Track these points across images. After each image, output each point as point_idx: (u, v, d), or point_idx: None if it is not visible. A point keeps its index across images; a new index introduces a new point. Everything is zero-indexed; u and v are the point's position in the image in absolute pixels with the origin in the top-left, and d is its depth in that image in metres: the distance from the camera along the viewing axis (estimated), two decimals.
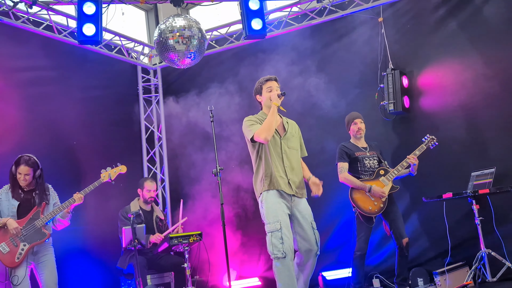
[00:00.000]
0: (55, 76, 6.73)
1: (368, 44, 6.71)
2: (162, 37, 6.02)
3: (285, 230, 4.25)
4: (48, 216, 4.89)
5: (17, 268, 4.74)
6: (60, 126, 6.61)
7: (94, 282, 6.51)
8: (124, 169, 5.35)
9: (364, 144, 5.67)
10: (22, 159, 4.92)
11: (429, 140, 5.53)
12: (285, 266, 4.22)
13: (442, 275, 5.42)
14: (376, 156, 5.58)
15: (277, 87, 4.59)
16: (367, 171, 5.51)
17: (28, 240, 4.81)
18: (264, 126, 4.36)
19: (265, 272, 7.00)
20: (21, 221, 4.84)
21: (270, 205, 4.37)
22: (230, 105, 7.28)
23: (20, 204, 4.91)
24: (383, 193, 5.32)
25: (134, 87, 7.94)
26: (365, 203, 5.39)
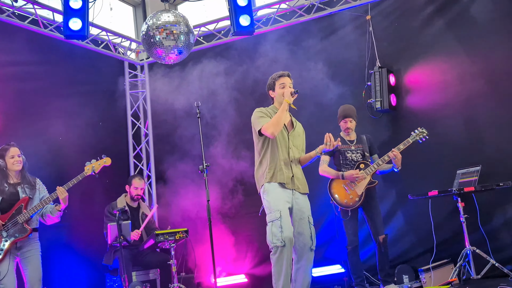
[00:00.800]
0: (41, 71, 6.65)
1: (355, 42, 6.73)
2: (150, 33, 5.98)
3: (285, 219, 4.25)
4: (31, 211, 4.83)
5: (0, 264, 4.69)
6: (46, 121, 6.53)
7: (80, 279, 6.46)
8: (109, 162, 5.23)
9: (353, 137, 5.66)
10: (5, 146, 4.90)
11: (418, 133, 5.44)
12: (283, 255, 4.18)
13: (427, 272, 5.46)
14: (361, 149, 5.58)
15: (290, 83, 4.61)
16: (348, 164, 5.53)
17: (10, 236, 4.75)
18: (273, 120, 4.39)
19: (252, 269, 7.00)
20: (3, 216, 4.78)
21: (272, 195, 4.39)
22: (217, 101, 7.27)
23: (4, 199, 4.84)
24: (356, 175, 5.32)
25: (121, 83, 7.88)
26: (341, 196, 5.44)
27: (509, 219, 5.69)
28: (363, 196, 5.37)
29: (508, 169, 5.67)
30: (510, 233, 5.66)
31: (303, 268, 4.38)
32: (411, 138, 5.44)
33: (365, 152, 5.58)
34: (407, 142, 5.41)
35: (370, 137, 5.76)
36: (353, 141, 5.63)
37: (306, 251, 4.37)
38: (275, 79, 4.64)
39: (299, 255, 4.40)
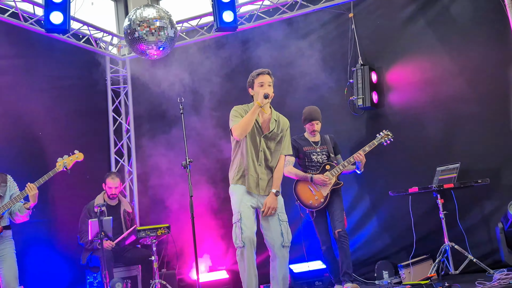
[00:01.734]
0: (20, 65, 6.55)
1: (338, 39, 6.77)
2: (132, 28, 5.94)
3: (245, 221, 4.33)
4: (2, 208, 4.75)
5: None
6: (25, 116, 6.44)
7: (60, 275, 6.39)
8: (81, 157, 5.17)
9: (317, 138, 5.66)
10: None
11: (383, 136, 5.55)
12: (244, 254, 4.31)
13: (406, 268, 5.53)
14: (326, 151, 5.59)
15: (270, 81, 4.50)
16: (314, 166, 5.55)
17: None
18: (241, 123, 4.36)
19: (233, 265, 7.00)
20: None
21: (235, 197, 4.48)
22: (199, 96, 7.26)
23: None
24: (325, 180, 5.35)
25: (102, 78, 7.80)
26: (307, 197, 5.47)
27: (487, 215, 5.79)
28: (328, 197, 5.40)
29: (486, 166, 5.77)
30: (487, 229, 5.76)
31: (278, 264, 4.42)
32: (376, 140, 5.54)
33: (330, 153, 5.59)
34: (372, 144, 5.50)
35: (333, 137, 5.77)
36: (317, 143, 5.63)
37: (278, 248, 4.41)
38: (254, 77, 4.55)
39: (273, 252, 4.44)
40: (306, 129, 5.67)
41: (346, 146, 6.02)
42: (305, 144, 5.60)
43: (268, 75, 4.53)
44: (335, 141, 5.74)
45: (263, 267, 6.82)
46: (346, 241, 5.30)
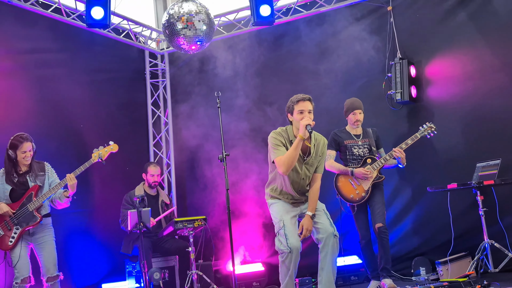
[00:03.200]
0: (63, 59, 6.73)
1: (376, 33, 6.68)
2: (171, 22, 6.02)
3: (289, 228, 4.39)
4: (40, 199, 4.89)
5: (12, 250, 4.79)
6: (67, 109, 6.63)
7: (100, 264, 6.58)
8: (116, 148, 5.23)
9: (359, 131, 5.61)
10: (20, 138, 4.89)
11: (427, 128, 5.46)
12: (290, 259, 4.34)
13: (444, 265, 5.45)
14: (367, 144, 5.53)
15: (310, 108, 4.38)
16: (355, 159, 5.50)
17: (21, 224, 4.84)
18: (285, 160, 4.29)
19: (269, 258, 7.05)
20: (14, 204, 4.85)
21: (275, 207, 4.58)
22: (237, 91, 7.30)
23: (14, 189, 4.91)
24: (366, 173, 5.31)
25: (141, 72, 7.94)
26: (348, 191, 5.43)
27: None
28: (369, 191, 5.35)
29: None
30: None
31: (329, 255, 4.40)
32: (419, 133, 5.45)
33: (372, 147, 5.53)
34: (415, 137, 5.42)
35: (376, 130, 5.72)
36: (359, 136, 5.57)
37: (330, 238, 4.38)
38: (294, 102, 4.40)
39: (324, 243, 4.42)
40: (348, 121, 5.62)
41: (385, 141, 5.93)
42: (346, 137, 5.55)
43: (309, 101, 4.40)
44: (377, 135, 5.67)
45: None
46: (386, 236, 5.26)
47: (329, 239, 4.38)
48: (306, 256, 4.89)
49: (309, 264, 6.76)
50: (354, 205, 5.43)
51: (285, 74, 7.15)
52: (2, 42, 5.99)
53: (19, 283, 4.74)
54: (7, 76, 5.97)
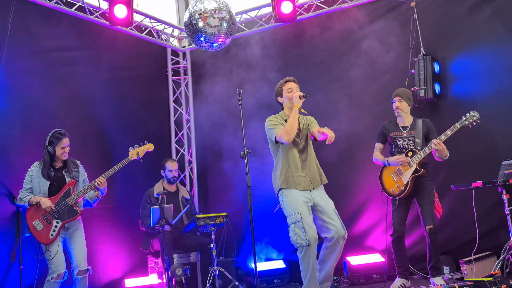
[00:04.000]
0: (86, 57, 6.80)
1: (399, 28, 6.61)
2: (192, 20, 6.04)
3: (306, 220, 4.56)
4: (79, 194, 4.99)
5: (50, 244, 4.86)
6: (91, 106, 6.70)
7: (123, 260, 6.65)
8: (151, 147, 5.44)
9: (408, 122, 5.45)
10: (59, 134, 4.99)
11: (470, 116, 5.15)
12: (310, 253, 4.52)
13: (468, 264, 5.37)
14: (413, 136, 5.37)
15: (297, 87, 4.83)
16: (400, 153, 5.38)
17: (60, 217, 4.91)
18: (287, 128, 4.63)
19: (290, 255, 7.05)
20: (53, 198, 4.93)
21: (290, 199, 4.69)
22: (258, 88, 7.28)
23: (52, 183, 4.99)
24: (399, 158, 5.23)
25: (163, 69, 7.99)
26: (389, 185, 5.38)
27: None
28: (409, 185, 5.24)
29: None
30: None
31: (335, 254, 4.63)
32: (459, 123, 5.18)
33: (417, 139, 5.36)
34: (454, 128, 5.19)
35: (428, 121, 5.48)
36: (406, 128, 5.43)
37: (340, 240, 4.62)
38: (281, 85, 4.89)
39: (334, 243, 4.61)
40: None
41: None
42: (393, 129, 5.45)
43: (294, 82, 4.88)
44: (429, 126, 5.43)
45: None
46: (436, 236, 5.22)
47: (341, 240, 4.62)
48: None
49: None
50: (396, 199, 5.32)
51: (307, 72, 7.11)
52: (28, 40, 6.07)
53: (54, 277, 4.81)
54: (32, 74, 6.06)
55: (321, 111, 6.91)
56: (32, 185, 4.98)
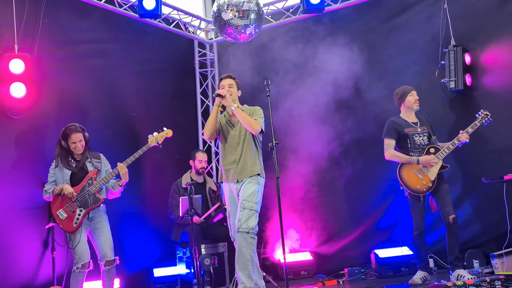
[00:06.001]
0: (115, 49, 6.87)
1: (429, 19, 6.52)
2: (220, 11, 6.04)
3: (231, 218, 4.89)
4: (101, 182, 5.05)
5: (74, 233, 4.95)
6: (120, 98, 6.77)
7: (151, 250, 6.73)
8: (170, 133, 5.47)
9: (415, 118, 5.51)
10: (68, 130, 5.04)
11: (483, 116, 5.30)
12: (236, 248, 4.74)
13: (499, 258, 5.31)
14: (426, 132, 5.41)
15: (229, 84, 4.98)
16: (417, 149, 5.36)
17: (83, 206, 4.99)
18: (206, 125, 4.94)
19: (317, 248, 7.05)
20: (76, 187, 5.01)
21: (224, 195, 5.07)
22: (286, 79, 7.27)
23: (74, 173, 5.07)
24: (433, 160, 5.19)
25: (190, 61, 8.02)
26: (413, 182, 5.29)
27: None
28: (435, 181, 5.23)
29: None
30: None
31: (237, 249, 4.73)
32: (478, 121, 5.29)
33: (431, 135, 5.40)
34: (474, 126, 5.27)
35: (428, 118, 5.60)
36: (417, 123, 5.45)
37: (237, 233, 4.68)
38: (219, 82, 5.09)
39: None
40: (407, 104, 5.49)
41: (438, 130, 5.78)
42: (406, 125, 5.43)
43: (228, 78, 5.04)
44: (430, 122, 5.56)
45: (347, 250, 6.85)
46: (457, 226, 5.25)
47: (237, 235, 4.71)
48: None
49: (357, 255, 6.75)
50: (420, 196, 5.30)
51: (336, 63, 7.05)
52: (59, 33, 6.15)
53: (79, 267, 4.90)
54: (63, 66, 6.14)
55: (352, 101, 6.88)
56: (56, 178, 5.07)
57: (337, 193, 7.09)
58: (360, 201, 6.93)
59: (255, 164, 4.83)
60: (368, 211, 6.83)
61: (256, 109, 4.99)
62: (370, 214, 6.81)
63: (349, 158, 6.95)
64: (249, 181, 4.79)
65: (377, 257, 6.22)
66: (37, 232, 5.55)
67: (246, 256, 4.62)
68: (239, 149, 4.87)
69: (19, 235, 5.42)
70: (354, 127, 6.93)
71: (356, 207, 6.94)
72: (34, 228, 5.54)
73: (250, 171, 4.81)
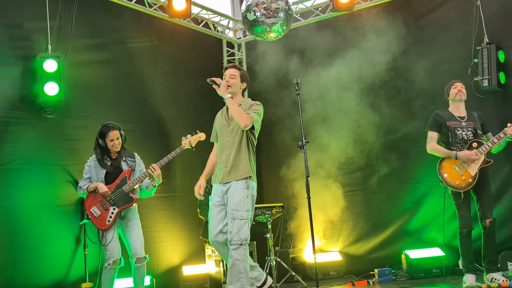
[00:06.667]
0: (146, 49, 6.95)
1: (462, 16, 6.40)
2: (249, 10, 6.05)
3: (211, 221, 4.49)
4: (135, 181, 5.11)
5: (106, 231, 5.01)
6: (150, 97, 6.85)
7: (181, 247, 6.77)
8: (204, 137, 5.49)
9: (463, 113, 5.28)
10: (107, 127, 5.11)
11: None
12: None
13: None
14: (472, 127, 5.20)
15: (231, 74, 4.64)
16: (458, 143, 5.15)
17: (117, 204, 5.05)
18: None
19: (346, 247, 7.00)
20: (110, 186, 5.07)
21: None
22: (316, 77, 7.23)
23: (108, 172, 5.14)
24: (471, 156, 5.01)
25: (219, 61, 8.06)
26: (453, 177, 5.09)
27: None
28: (476, 177, 5.02)
29: None
30: None
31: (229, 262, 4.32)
32: None
33: (477, 130, 5.18)
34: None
35: (482, 114, 5.33)
36: (463, 118, 5.25)
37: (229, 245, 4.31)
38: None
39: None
40: (451, 100, 5.31)
41: None
42: (449, 118, 5.23)
43: (232, 68, 4.69)
44: (483, 119, 5.30)
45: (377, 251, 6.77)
46: (494, 229, 5.06)
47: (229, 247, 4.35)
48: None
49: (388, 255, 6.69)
50: (460, 192, 5.08)
51: (367, 61, 6.98)
52: (90, 33, 6.25)
53: (111, 264, 4.97)
54: (95, 66, 6.24)
55: (385, 101, 6.81)
56: (91, 175, 5.14)
57: (367, 193, 7.03)
58: (391, 201, 6.84)
59: (246, 165, 4.38)
60: (399, 211, 6.75)
61: (254, 103, 4.58)
62: (401, 214, 6.72)
63: (382, 157, 6.88)
64: (236, 185, 4.34)
65: (408, 258, 6.13)
66: (69, 229, 5.64)
67: (239, 269, 4.22)
68: (228, 147, 4.48)
69: (53, 231, 5.51)
70: (390, 125, 6.84)
71: (387, 207, 6.86)
72: (67, 225, 5.63)
73: (240, 173, 4.35)
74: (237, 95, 4.64)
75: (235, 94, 4.61)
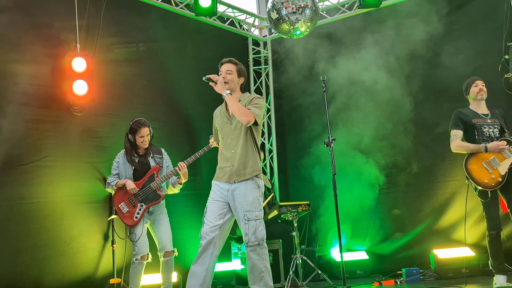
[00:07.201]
0: (172, 47, 6.99)
1: (492, 12, 6.29)
2: (275, 8, 6.03)
3: (208, 214, 4.27)
4: (162, 178, 5.16)
5: (135, 227, 5.07)
6: (177, 96, 6.90)
7: None
8: None
9: (485, 110, 5.18)
10: (138, 124, 5.17)
11: None
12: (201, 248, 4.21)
13: None
14: (498, 124, 5.08)
15: (228, 69, 4.46)
16: (485, 140, 5.01)
17: (144, 201, 5.11)
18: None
19: (373, 247, 6.93)
20: (138, 183, 5.13)
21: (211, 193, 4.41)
22: (340, 75, 7.17)
23: (136, 169, 5.20)
24: (501, 145, 4.86)
25: (244, 59, 8.06)
26: (481, 176, 4.93)
27: None
28: (506, 176, 4.89)
29: None
30: None
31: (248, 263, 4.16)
32: None
33: (504, 128, 5.06)
34: None
35: (503, 112, 5.23)
36: (487, 115, 5.14)
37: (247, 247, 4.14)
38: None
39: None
40: (472, 99, 5.21)
41: None
42: (474, 116, 5.12)
43: (228, 63, 4.52)
44: (505, 117, 5.19)
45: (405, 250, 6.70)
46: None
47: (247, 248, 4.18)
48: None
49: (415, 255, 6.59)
50: (488, 191, 4.93)
51: (393, 59, 6.89)
52: (118, 32, 6.32)
53: (138, 259, 5.03)
54: (122, 64, 6.31)
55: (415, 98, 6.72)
56: (119, 171, 5.21)
57: (396, 192, 6.95)
58: (420, 201, 6.76)
59: (254, 163, 4.22)
60: (427, 211, 6.66)
61: (254, 98, 4.35)
62: (430, 213, 6.63)
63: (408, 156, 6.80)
64: (247, 186, 4.17)
65: (436, 258, 6.04)
66: (98, 225, 5.72)
67: (260, 268, 4.10)
68: (233, 146, 4.27)
69: (82, 228, 5.60)
70: (421, 124, 6.77)
71: (415, 206, 6.77)
72: (96, 221, 5.71)
73: (248, 172, 4.19)
74: (235, 90, 4.46)
75: (233, 90, 4.43)
